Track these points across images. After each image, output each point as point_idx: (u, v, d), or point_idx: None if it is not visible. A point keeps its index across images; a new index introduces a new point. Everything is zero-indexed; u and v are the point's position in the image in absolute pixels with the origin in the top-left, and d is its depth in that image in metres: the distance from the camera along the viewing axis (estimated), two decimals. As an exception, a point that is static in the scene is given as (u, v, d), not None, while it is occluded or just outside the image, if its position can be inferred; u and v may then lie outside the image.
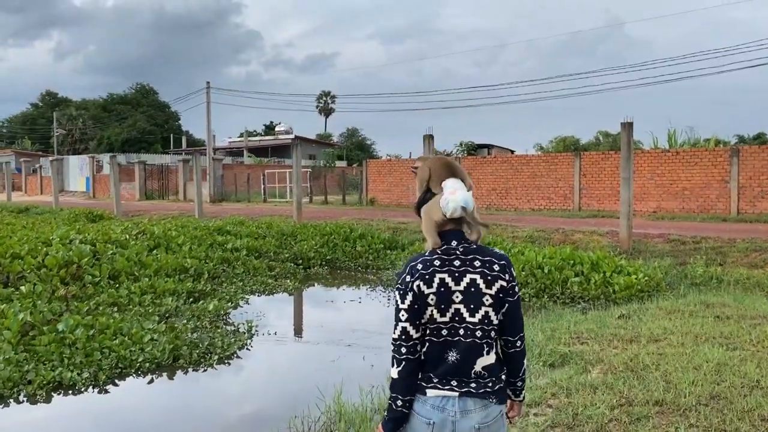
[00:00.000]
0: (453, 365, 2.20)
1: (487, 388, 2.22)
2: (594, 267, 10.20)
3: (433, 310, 2.18)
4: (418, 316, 2.19)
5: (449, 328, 2.20)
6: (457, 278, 2.20)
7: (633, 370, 5.45)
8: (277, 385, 6.31)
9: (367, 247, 14.18)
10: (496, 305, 2.22)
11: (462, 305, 2.19)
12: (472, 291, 2.20)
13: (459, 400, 2.19)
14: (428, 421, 2.19)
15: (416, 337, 2.20)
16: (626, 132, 13.41)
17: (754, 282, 10.08)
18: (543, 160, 24.45)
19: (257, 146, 60.19)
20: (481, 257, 2.24)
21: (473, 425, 2.19)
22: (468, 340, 2.19)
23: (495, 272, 2.23)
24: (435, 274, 2.19)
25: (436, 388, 2.20)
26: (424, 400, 2.21)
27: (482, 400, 2.21)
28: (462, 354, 2.19)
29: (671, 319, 7.33)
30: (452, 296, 2.19)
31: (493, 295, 2.21)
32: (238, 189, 37.35)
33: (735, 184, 19.10)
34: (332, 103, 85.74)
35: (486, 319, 2.20)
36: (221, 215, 22.21)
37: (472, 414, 2.19)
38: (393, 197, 28.41)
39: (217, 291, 10.26)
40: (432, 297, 2.17)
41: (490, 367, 2.23)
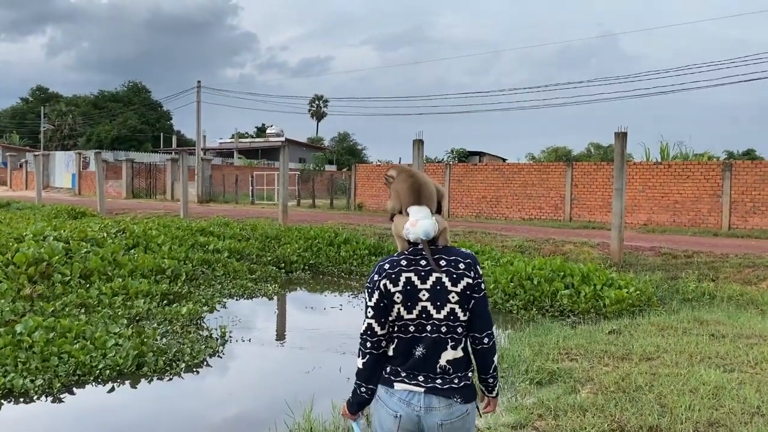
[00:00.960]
0: (419, 359, 2.29)
1: (453, 385, 2.29)
2: (584, 279, 9.89)
3: (400, 308, 2.29)
4: (384, 314, 2.30)
5: (416, 324, 2.29)
6: (423, 277, 2.29)
7: (625, 390, 5.11)
8: (245, 399, 5.88)
9: (351, 252, 13.81)
10: (463, 302, 2.30)
11: (429, 303, 2.28)
12: (438, 289, 2.28)
13: (424, 396, 2.27)
14: (395, 414, 2.29)
15: (381, 334, 2.32)
16: (620, 142, 13.13)
17: (747, 299, 9.80)
18: (535, 169, 24.19)
19: (248, 148, 59.74)
20: (446, 257, 2.33)
21: (437, 422, 2.27)
22: (434, 336, 2.28)
23: (461, 270, 2.31)
24: (401, 273, 2.30)
25: (404, 382, 2.29)
26: (392, 393, 2.31)
27: (447, 399, 2.28)
28: (427, 348, 2.28)
29: (664, 336, 7.01)
30: (419, 294, 2.29)
31: (459, 292, 2.29)
32: (226, 190, 36.88)
33: (727, 198, 18.91)
34: (325, 107, 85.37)
35: (452, 316, 2.29)
36: (207, 216, 21.77)
37: (436, 411, 2.28)
38: (381, 202, 28.04)
39: (194, 294, 9.84)
40: (398, 295, 2.29)
41: (455, 362, 2.30)
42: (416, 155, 16.50)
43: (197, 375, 6.30)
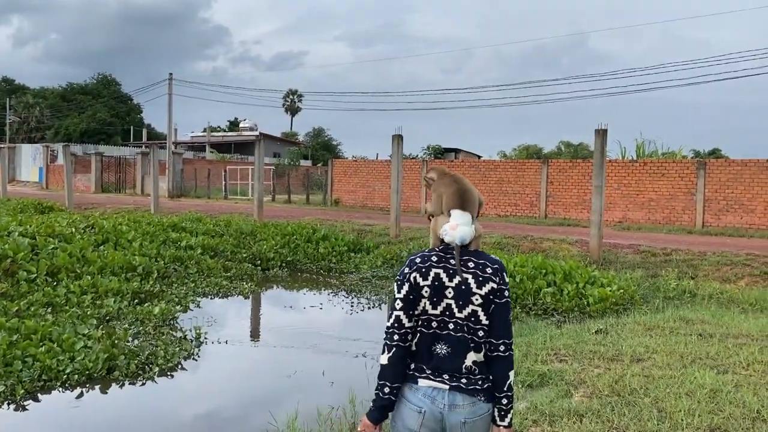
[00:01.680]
0: (444, 358, 2.29)
1: (477, 386, 2.30)
2: (567, 277, 9.77)
3: (426, 302, 2.31)
4: (412, 306, 2.31)
5: (439, 321, 2.31)
6: (451, 275, 2.32)
7: (620, 394, 4.95)
8: (223, 405, 5.57)
9: (330, 249, 13.54)
10: (485, 305, 2.30)
11: (453, 301, 2.30)
12: (463, 289, 2.30)
13: (449, 393, 2.27)
14: (419, 410, 2.26)
15: (408, 326, 2.31)
16: (600, 139, 13.07)
17: (727, 297, 9.78)
18: (511, 166, 24.15)
19: (220, 142, 58.87)
20: (475, 259, 2.36)
21: (460, 420, 2.27)
22: (458, 335, 2.29)
23: (487, 274, 2.33)
24: (432, 268, 2.33)
25: (429, 378, 2.29)
26: (416, 389, 2.29)
27: (471, 396, 2.28)
28: (453, 347, 2.29)
29: (652, 336, 6.90)
30: (445, 291, 2.31)
31: (483, 295, 2.30)
32: (198, 185, 36.21)
33: (701, 196, 19.06)
34: (299, 102, 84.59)
35: (473, 317, 2.30)
36: (178, 211, 21.27)
37: (460, 409, 2.27)
38: (358, 198, 27.79)
39: (166, 292, 9.48)
40: (426, 289, 2.31)
41: (480, 364, 2.32)
42: (395, 151, 16.27)
43: (172, 379, 5.99)
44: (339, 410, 4.85)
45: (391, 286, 10.99)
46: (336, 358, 6.91)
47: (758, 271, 11.08)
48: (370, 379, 5.81)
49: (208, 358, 6.70)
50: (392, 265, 12.71)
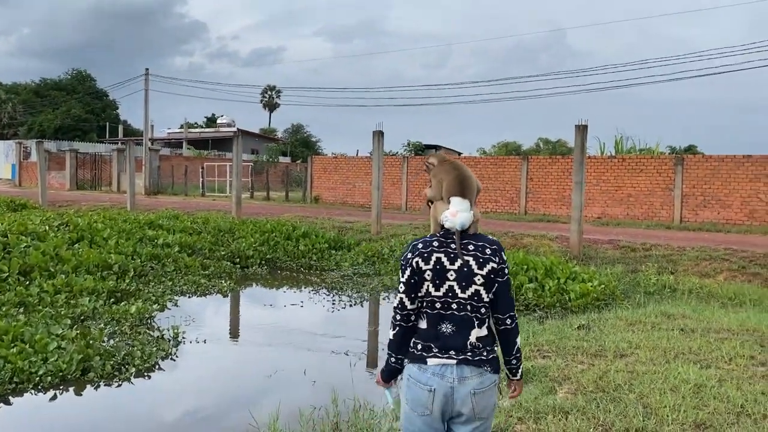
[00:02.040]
0: (450, 336, 2.44)
1: (482, 357, 2.45)
2: (548, 273, 9.77)
3: (429, 285, 2.46)
4: (414, 290, 2.49)
5: (442, 302, 2.46)
6: (452, 258, 2.47)
7: (605, 390, 4.92)
8: (202, 406, 5.41)
9: (310, 246, 13.40)
10: (487, 285, 2.46)
11: (455, 282, 2.45)
12: (465, 271, 2.45)
13: (457, 367, 2.41)
14: (429, 388, 2.41)
15: (410, 308, 2.50)
16: (580, 135, 13.09)
17: (707, 292, 9.85)
18: (491, 162, 24.19)
19: (197, 138, 58.21)
20: (474, 242, 2.51)
21: (469, 390, 2.41)
22: (461, 314, 2.45)
23: (487, 255, 2.48)
24: (433, 253, 2.48)
25: (437, 356, 2.43)
26: (425, 369, 2.43)
27: (477, 368, 2.43)
28: (457, 326, 2.45)
29: (634, 332, 6.90)
30: (446, 274, 2.46)
31: (484, 275, 2.45)
32: (175, 181, 35.77)
33: (679, 192, 19.25)
34: (277, 98, 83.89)
35: (476, 296, 2.45)
36: (155, 208, 20.97)
37: (469, 380, 2.41)
38: (338, 195, 27.64)
39: (143, 291, 9.28)
40: (428, 273, 2.46)
41: (483, 338, 2.47)
42: (376, 147, 16.17)
43: (149, 380, 5.83)
44: (321, 410, 4.74)
45: (372, 283, 10.90)
46: (317, 356, 6.80)
47: (736, 265, 11.18)
48: (354, 378, 5.74)
49: (187, 357, 6.55)
50: (373, 262, 12.61)
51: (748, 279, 10.67)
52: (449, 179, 2.60)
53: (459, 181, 2.58)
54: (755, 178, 18.05)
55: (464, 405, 2.43)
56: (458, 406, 2.43)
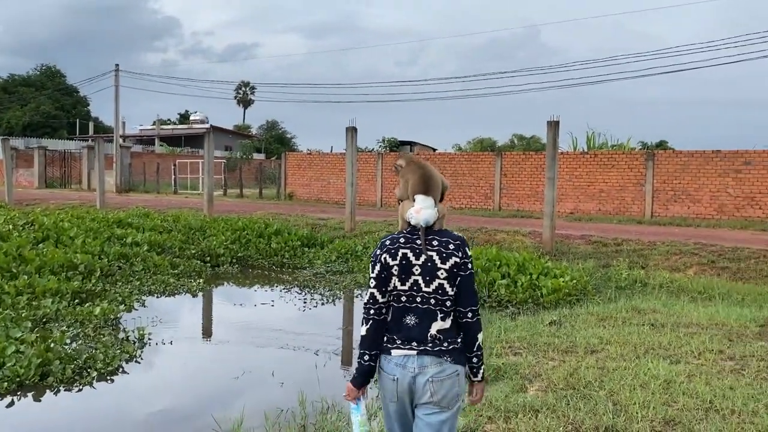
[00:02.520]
0: (412, 328, 2.54)
1: (442, 348, 2.53)
2: (520, 269, 9.76)
3: (396, 279, 2.57)
4: (384, 284, 2.58)
5: (408, 295, 2.56)
6: (417, 254, 2.57)
7: (575, 387, 4.89)
8: (166, 410, 5.21)
9: (283, 244, 13.24)
10: (451, 278, 2.55)
11: (420, 277, 2.55)
12: (429, 265, 2.55)
13: (417, 357, 2.51)
14: (393, 377, 2.53)
15: (381, 301, 2.59)
16: (552, 131, 13.12)
17: (677, 286, 9.93)
18: (465, 158, 24.21)
19: (170, 135, 57.41)
20: (439, 238, 2.61)
21: (428, 378, 2.49)
22: (424, 307, 2.54)
23: (450, 250, 2.58)
24: (399, 249, 2.59)
25: (399, 348, 2.54)
26: (389, 359, 2.56)
27: (437, 357, 2.51)
28: (420, 318, 2.54)
29: (605, 327, 6.90)
30: (412, 268, 2.56)
31: (447, 269, 2.55)
32: (147, 179, 35.22)
33: (650, 187, 19.44)
34: (252, 94, 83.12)
35: (440, 290, 2.54)
36: (126, 206, 20.60)
37: (428, 369, 2.50)
38: (313, 192, 27.45)
39: (109, 291, 9.06)
40: (396, 268, 2.57)
41: (444, 331, 2.55)
42: (350, 143, 16.04)
43: (111, 383, 5.66)
44: (288, 413, 4.64)
45: (345, 281, 10.80)
46: (287, 357, 6.68)
47: (706, 259, 11.30)
48: (320, 379, 5.64)
49: (152, 360, 6.38)
50: (347, 259, 12.50)
51: (717, 273, 10.79)
52: (414, 178, 2.71)
53: (423, 180, 2.69)
54: (724, 173, 18.31)
55: (425, 392, 2.52)
56: (420, 394, 2.53)
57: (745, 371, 5.21)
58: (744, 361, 5.51)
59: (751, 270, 10.68)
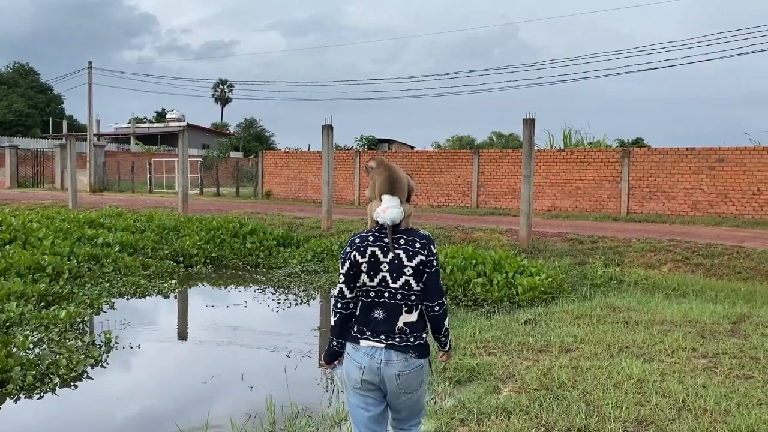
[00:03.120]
0: (380, 321, 2.71)
1: (408, 343, 2.71)
2: (496, 267, 9.72)
3: (365, 276, 2.72)
4: (353, 281, 2.74)
5: (376, 291, 2.73)
6: (385, 252, 2.73)
7: (548, 388, 4.83)
8: (129, 418, 5.03)
9: (257, 243, 13.07)
10: (417, 275, 2.72)
11: (387, 273, 2.71)
12: (396, 263, 2.72)
13: (385, 351, 2.69)
14: (360, 365, 2.70)
15: (349, 297, 2.76)
16: (528, 128, 13.11)
17: (652, 283, 9.97)
18: (443, 156, 24.18)
19: (146, 133, 56.67)
20: (406, 236, 2.76)
21: (395, 372, 2.69)
22: (391, 302, 2.72)
23: (416, 249, 2.74)
24: (368, 247, 2.74)
25: (368, 339, 2.71)
26: (358, 349, 2.73)
27: (403, 353, 2.70)
28: (387, 312, 2.72)
29: (580, 325, 6.87)
30: (380, 266, 2.72)
31: (413, 267, 2.72)
32: (122, 178, 34.72)
33: (625, 184, 19.57)
34: (229, 92, 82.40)
35: (406, 286, 2.71)
36: (99, 206, 20.24)
37: (395, 363, 2.69)
38: (290, 191, 27.25)
39: (77, 294, 8.82)
40: (364, 265, 2.72)
41: (411, 324, 2.73)
42: (325, 141, 15.90)
43: (75, 390, 5.48)
44: (255, 419, 4.52)
45: (321, 280, 10.68)
46: (258, 360, 6.55)
47: (680, 256, 11.37)
48: (291, 382, 5.53)
49: (118, 365, 6.20)
50: (322, 258, 12.37)
51: (691, 269, 10.86)
52: (381, 180, 2.86)
53: (389, 181, 2.84)
54: (698, 170, 18.49)
55: (391, 383, 2.73)
56: (386, 383, 2.74)
57: (717, 369, 5.20)
58: (717, 359, 5.50)
59: (725, 266, 10.76)
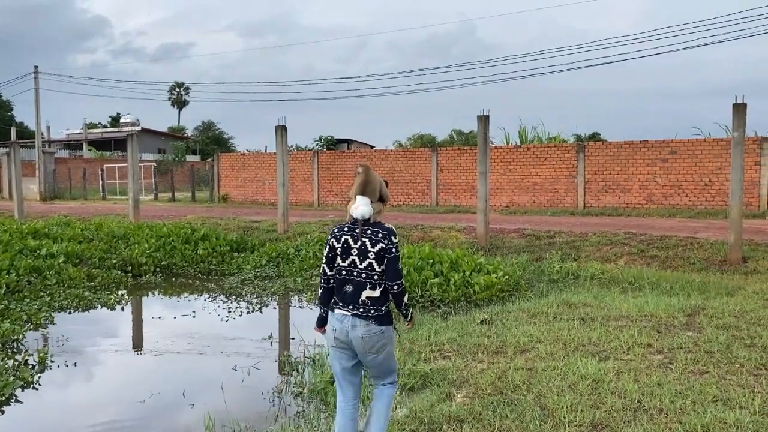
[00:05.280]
0: (349, 294, 3.41)
1: (369, 313, 3.37)
2: (453, 266, 9.57)
3: (339, 258, 3.46)
4: (331, 261, 3.50)
5: (347, 270, 3.43)
6: (355, 239, 3.42)
7: (503, 392, 4.67)
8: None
9: (210, 249, 12.68)
10: (378, 259, 3.38)
11: (356, 257, 3.41)
12: (362, 248, 3.40)
13: (351, 317, 3.38)
14: (333, 328, 3.44)
15: (329, 274, 3.52)
16: (482, 125, 13.03)
17: (608, 277, 9.95)
18: (401, 155, 24.05)
19: (99, 139, 55.25)
20: (372, 228, 3.42)
21: (359, 335, 3.36)
22: (358, 279, 3.40)
23: (378, 238, 3.39)
24: (342, 235, 3.46)
25: (339, 308, 3.43)
26: (333, 315, 3.45)
27: (365, 320, 3.36)
28: (354, 287, 3.40)
29: (536, 324, 6.75)
30: (351, 250, 3.43)
31: (375, 252, 3.38)
32: (74, 185, 33.70)
33: (581, 179, 19.74)
34: (186, 94, 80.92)
35: (369, 267, 3.38)
36: (48, 215, 19.50)
37: (358, 328, 3.36)
38: (248, 194, 26.77)
39: (14, 310, 8.34)
40: (339, 249, 3.46)
41: (373, 299, 3.39)
42: (279, 142, 15.57)
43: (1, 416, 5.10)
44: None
45: (275, 286, 10.36)
46: (201, 374, 6.24)
47: (636, 249, 11.42)
48: (236, 399, 5.26)
49: (51, 386, 5.81)
50: (278, 263, 12.05)
51: (647, 262, 10.90)
52: (357, 183, 3.47)
53: (362, 184, 3.45)
54: (651, 163, 18.75)
55: (357, 343, 3.39)
56: (354, 344, 3.40)
57: (673, 365, 5.12)
58: (672, 354, 5.43)
59: (679, 258, 10.83)
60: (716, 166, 17.85)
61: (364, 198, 3.41)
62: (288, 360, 6.36)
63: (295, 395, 5.31)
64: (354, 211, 3.41)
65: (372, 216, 3.41)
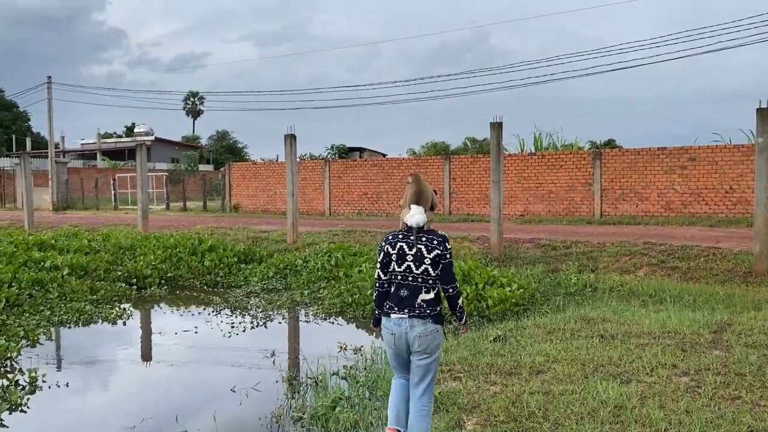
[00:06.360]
0: (405, 298, 3.67)
1: (425, 313, 3.64)
2: (466, 278, 9.21)
3: (394, 264, 3.72)
4: (385, 267, 3.77)
5: (402, 275, 3.69)
6: (410, 246, 3.68)
7: (516, 419, 4.32)
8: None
9: (217, 261, 12.41)
10: (434, 264, 3.64)
11: (411, 263, 3.66)
12: (418, 255, 3.65)
13: (408, 319, 3.64)
14: (391, 332, 3.70)
15: (384, 279, 3.80)
16: (495, 132, 12.69)
17: (627, 289, 9.55)
18: (414, 163, 23.74)
19: (113, 149, 55.54)
20: (427, 235, 3.68)
21: (416, 334, 3.62)
22: (414, 284, 3.66)
23: (434, 245, 3.65)
24: (397, 242, 3.72)
25: (396, 312, 3.68)
26: (390, 320, 3.71)
27: (422, 320, 3.63)
28: (411, 291, 3.66)
29: (552, 341, 6.38)
30: (406, 256, 3.68)
31: (431, 258, 3.64)
32: (86, 195, 33.73)
33: (598, 186, 19.30)
34: (200, 104, 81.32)
35: (425, 272, 3.65)
36: (59, 225, 19.40)
37: (416, 327, 3.62)
38: (259, 203, 26.57)
39: (12, 325, 8.10)
40: (394, 255, 3.72)
41: (428, 301, 3.65)
42: (289, 151, 15.34)
43: (-16, 442, 4.84)
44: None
45: (281, 299, 10.05)
46: (198, 396, 5.93)
47: (656, 260, 10.99)
48: (231, 424, 4.95)
49: (40, 408, 5.51)
50: (285, 275, 11.75)
51: (668, 273, 10.48)
52: (410, 193, 3.72)
53: (416, 194, 3.70)
54: (670, 170, 18.27)
55: (414, 343, 3.61)
56: (411, 344, 3.62)
57: (701, 389, 4.73)
58: (699, 376, 5.04)
59: (701, 269, 10.40)
60: (737, 173, 17.34)
61: (418, 207, 3.66)
62: (290, 381, 6.04)
63: (294, 420, 4.98)
64: (409, 220, 3.65)
65: (425, 224, 3.65)
